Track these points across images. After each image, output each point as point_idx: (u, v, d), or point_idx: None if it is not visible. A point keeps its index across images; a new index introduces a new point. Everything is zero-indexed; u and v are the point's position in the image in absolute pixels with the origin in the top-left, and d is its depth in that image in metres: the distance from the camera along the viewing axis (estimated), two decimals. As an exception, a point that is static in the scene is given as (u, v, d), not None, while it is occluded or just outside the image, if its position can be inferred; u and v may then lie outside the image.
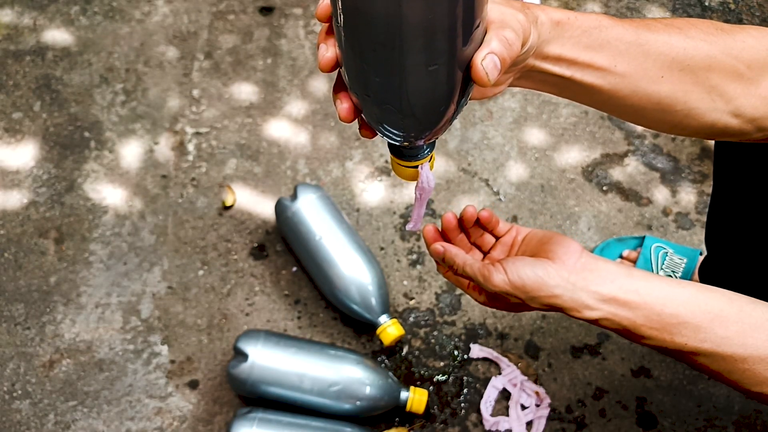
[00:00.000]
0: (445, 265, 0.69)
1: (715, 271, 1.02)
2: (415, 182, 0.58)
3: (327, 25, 0.49)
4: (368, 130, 0.53)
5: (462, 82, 0.48)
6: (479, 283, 0.65)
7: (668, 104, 0.59)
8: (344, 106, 0.50)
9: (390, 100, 0.47)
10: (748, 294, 0.91)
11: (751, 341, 0.60)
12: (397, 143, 0.53)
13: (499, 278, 0.63)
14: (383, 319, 1.06)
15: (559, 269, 0.62)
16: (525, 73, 0.56)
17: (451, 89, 0.47)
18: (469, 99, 0.52)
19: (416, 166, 0.56)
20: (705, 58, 0.58)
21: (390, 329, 1.05)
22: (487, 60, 0.46)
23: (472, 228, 0.72)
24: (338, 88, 0.51)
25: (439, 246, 0.69)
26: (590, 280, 0.62)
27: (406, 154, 0.56)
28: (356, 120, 0.52)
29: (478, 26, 0.45)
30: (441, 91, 0.47)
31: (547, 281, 0.62)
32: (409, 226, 0.64)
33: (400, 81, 0.45)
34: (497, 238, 0.73)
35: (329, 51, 0.48)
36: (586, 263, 0.63)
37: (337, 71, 0.50)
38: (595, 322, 0.63)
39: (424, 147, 0.55)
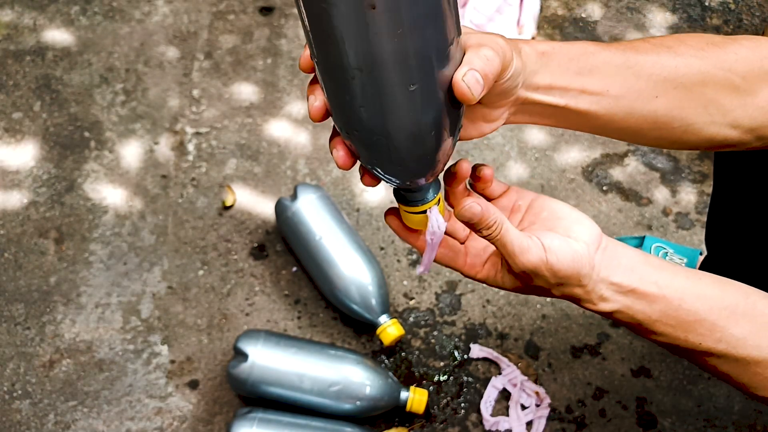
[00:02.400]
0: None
1: (716, 270, 1.02)
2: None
3: (313, 75, 0.49)
4: (370, 177, 0.53)
5: (448, 106, 0.47)
6: (508, 255, 0.54)
7: (665, 122, 0.59)
8: (340, 153, 0.50)
9: (377, 129, 0.46)
10: (750, 274, 0.91)
11: (765, 343, 0.58)
12: (398, 184, 0.52)
13: (536, 255, 0.54)
14: (383, 319, 1.06)
15: (589, 257, 0.56)
16: (519, 107, 0.56)
17: (435, 112, 0.47)
18: (469, 139, 0.53)
19: (424, 212, 0.54)
20: (697, 73, 0.58)
21: (390, 329, 1.05)
22: (468, 75, 0.46)
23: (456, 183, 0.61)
24: (333, 136, 0.51)
25: (476, 205, 0.53)
26: (611, 270, 0.57)
27: (411, 200, 0.54)
28: (358, 166, 0.52)
29: (452, 43, 0.45)
30: (425, 114, 0.47)
31: (580, 270, 0.55)
32: (419, 270, 0.59)
33: (382, 105, 0.45)
34: (489, 199, 0.62)
35: (317, 100, 0.48)
36: (606, 248, 0.57)
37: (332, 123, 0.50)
38: (608, 314, 0.58)
39: (428, 189, 0.54)
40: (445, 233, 0.58)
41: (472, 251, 0.61)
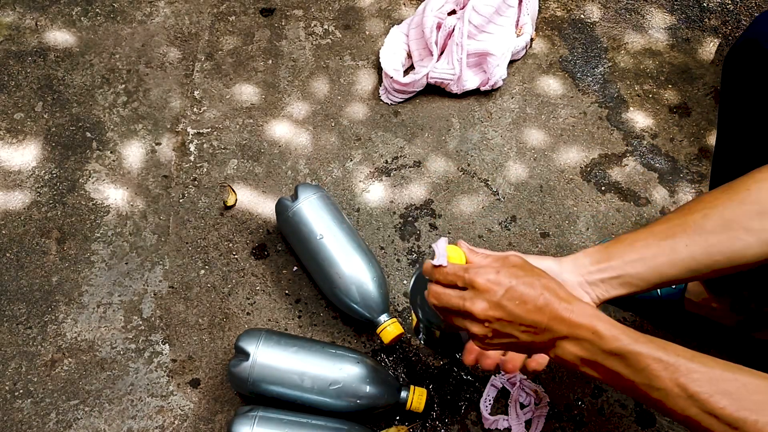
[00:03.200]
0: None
1: None
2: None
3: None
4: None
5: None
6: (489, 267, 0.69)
7: (706, 258, 0.71)
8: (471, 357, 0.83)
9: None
10: (751, 271, 0.94)
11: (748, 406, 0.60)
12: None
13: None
14: (383, 318, 1.07)
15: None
16: (596, 299, 0.77)
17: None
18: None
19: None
20: (716, 218, 0.70)
21: (390, 328, 1.06)
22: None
23: None
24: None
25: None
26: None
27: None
28: None
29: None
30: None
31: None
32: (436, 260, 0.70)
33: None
34: None
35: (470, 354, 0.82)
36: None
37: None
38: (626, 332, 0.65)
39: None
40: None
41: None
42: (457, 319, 0.70)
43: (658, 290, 1.10)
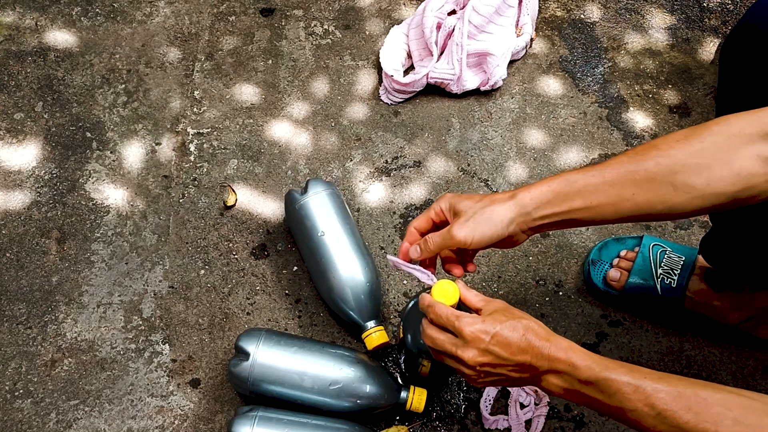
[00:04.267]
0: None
1: (719, 243, 1.02)
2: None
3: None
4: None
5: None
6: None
7: (648, 208, 0.72)
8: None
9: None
10: (752, 266, 0.95)
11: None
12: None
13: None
14: (371, 324, 1.07)
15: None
16: (529, 231, 0.78)
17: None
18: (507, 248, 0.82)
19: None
20: (666, 167, 0.70)
21: (375, 335, 1.06)
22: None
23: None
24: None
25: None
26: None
27: None
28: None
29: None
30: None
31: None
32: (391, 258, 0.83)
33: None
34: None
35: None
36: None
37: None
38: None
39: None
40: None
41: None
42: (449, 361, 0.76)
43: (659, 289, 1.10)
